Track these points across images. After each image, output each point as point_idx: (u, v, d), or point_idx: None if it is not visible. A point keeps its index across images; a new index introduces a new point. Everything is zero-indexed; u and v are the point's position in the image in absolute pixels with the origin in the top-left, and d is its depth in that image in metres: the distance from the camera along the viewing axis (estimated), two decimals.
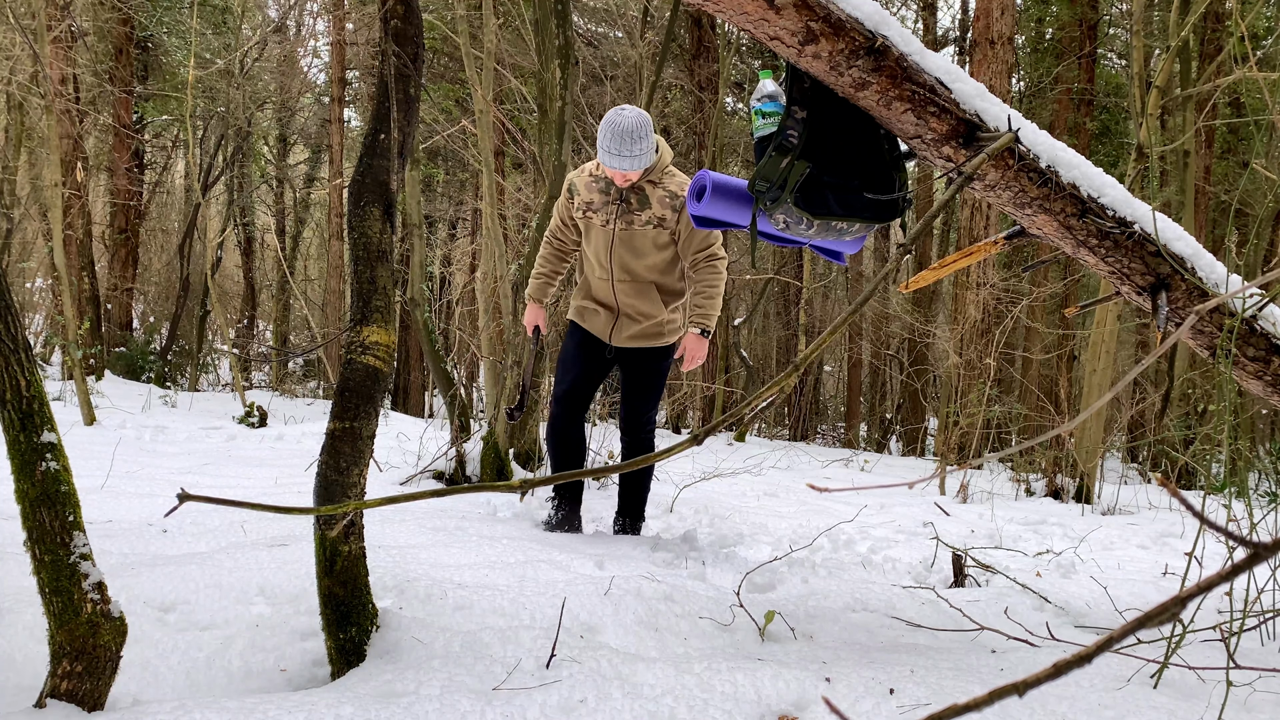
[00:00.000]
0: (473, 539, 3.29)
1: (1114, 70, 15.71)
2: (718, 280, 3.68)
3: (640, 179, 3.56)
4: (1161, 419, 7.47)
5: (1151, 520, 6.11)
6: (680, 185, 3.60)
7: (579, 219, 3.72)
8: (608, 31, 14.03)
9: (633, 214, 3.59)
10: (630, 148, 3.40)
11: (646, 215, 3.57)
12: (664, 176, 3.60)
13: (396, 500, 1.12)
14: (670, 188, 3.59)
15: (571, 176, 3.76)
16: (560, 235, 3.87)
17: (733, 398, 13.17)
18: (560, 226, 3.85)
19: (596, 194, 3.65)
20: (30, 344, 1.99)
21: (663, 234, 3.59)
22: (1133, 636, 2.34)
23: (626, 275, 3.67)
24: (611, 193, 3.61)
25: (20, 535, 1.68)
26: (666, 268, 3.68)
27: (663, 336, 3.76)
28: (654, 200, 3.57)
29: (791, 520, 5.01)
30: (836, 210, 2.35)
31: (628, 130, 3.39)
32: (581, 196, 3.69)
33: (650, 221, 3.58)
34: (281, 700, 1.77)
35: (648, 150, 3.45)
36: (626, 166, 3.44)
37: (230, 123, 14.38)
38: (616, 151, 3.41)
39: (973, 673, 2.14)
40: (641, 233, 3.59)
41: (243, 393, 9.87)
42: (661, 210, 3.56)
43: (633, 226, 3.59)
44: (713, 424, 1.15)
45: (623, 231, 3.61)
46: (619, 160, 3.43)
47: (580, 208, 3.69)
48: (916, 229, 1.59)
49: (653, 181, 3.58)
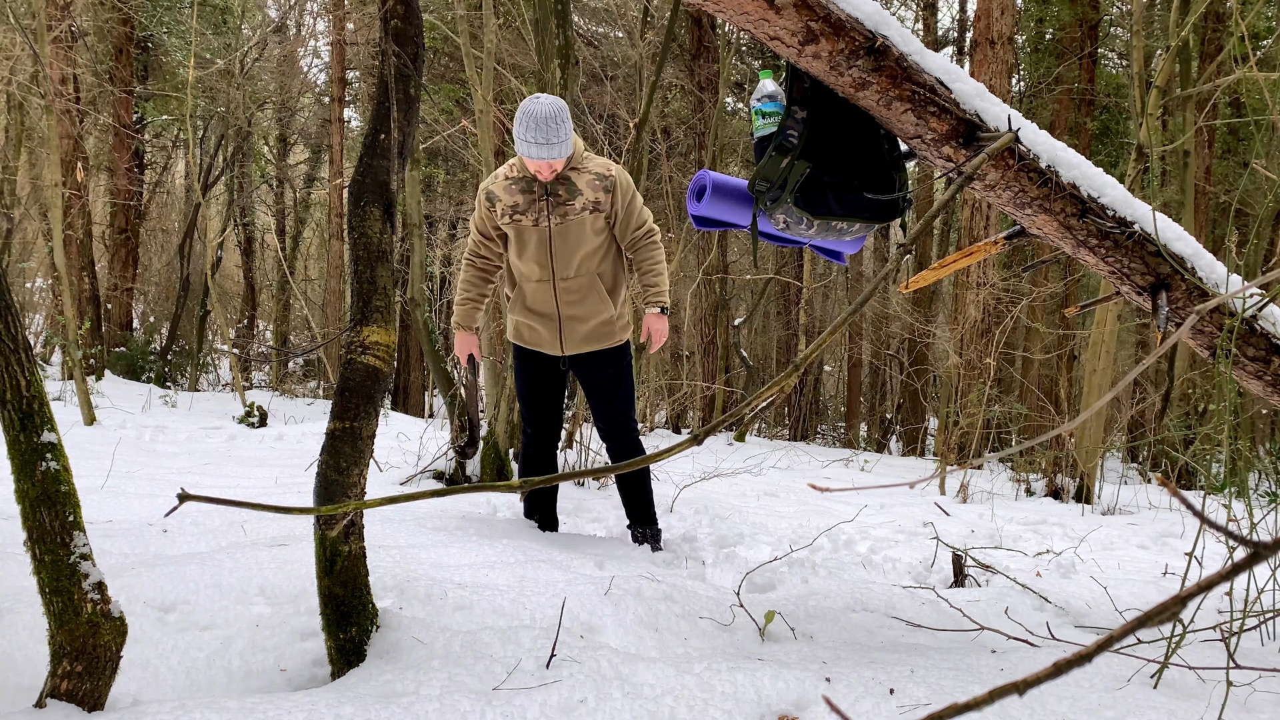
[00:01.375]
0: (473, 539, 3.29)
1: (1114, 70, 15.71)
2: (659, 254, 3.57)
3: (564, 168, 3.42)
4: (1161, 419, 7.47)
5: (1151, 520, 6.11)
6: (605, 166, 3.47)
7: (505, 226, 3.52)
8: (608, 31, 14.03)
9: (565, 205, 3.43)
10: (553, 134, 3.24)
11: (580, 202, 3.42)
12: (584, 161, 3.47)
13: (396, 500, 1.12)
14: (596, 170, 3.45)
15: (485, 185, 3.57)
16: (484, 251, 3.65)
17: (733, 398, 13.17)
18: (482, 241, 3.63)
19: (520, 195, 3.47)
20: (30, 344, 1.98)
21: (599, 219, 3.46)
22: (1133, 636, 2.34)
23: (568, 272, 3.49)
24: (536, 190, 3.44)
25: (20, 535, 1.68)
26: (605, 255, 3.54)
27: (614, 336, 3.60)
28: (583, 185, 3.43)
29: (791, 520, 5.01)
30: (836, 210, 2.36)
31: (548, 117, 3.23)
32: (504, 202, 3.49)
33: (585, 207, 3.43)
34: (281, 700, 1.77)
35: (568, 137, 3.30)
36: (551, 155, 3.28)
37: (230, 123, 14.38)
38: (542, 140, 3.24)
39: (973, 673, 2.14)
40: (578, 221, 3.44)
41: (243, 393, 9.88)
42: (594, 194, 3.43)
43: (568, 218, 3.43)
44: (713, 424, 1.15)
45: (559, 225, 3.44)
46: (543, 149, 3.26)
47: (505, 214, 3.49)
48: (916, 229, 1.59)
49: (576, 169, 3.45)
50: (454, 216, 17.36)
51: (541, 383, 3.69)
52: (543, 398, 3.71)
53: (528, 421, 3.73)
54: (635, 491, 3.80)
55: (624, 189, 3.49)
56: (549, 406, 3.72)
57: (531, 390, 3.70)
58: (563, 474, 1.13)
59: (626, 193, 3.50)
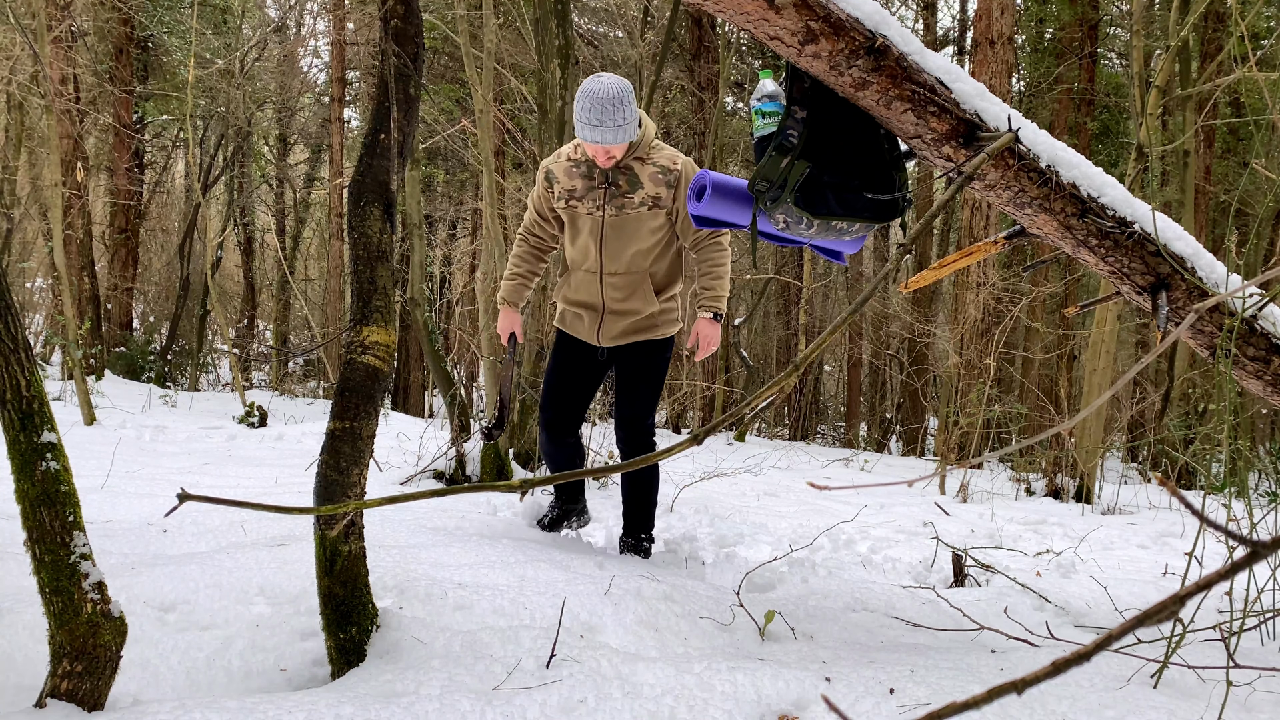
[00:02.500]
0: (473, 539, 3.28)
1: (1114, 70, 15.71)
2: (723, 258, 3.31)
3: (626, 157, 3.19)
4: (1161, 419, 7.47)
5: (1151, 520, 6.11)
6: (671, 159, 3.22)
7: (561, 210, 3.32)
8: (608, 31, 14.03)
9: (624, 197, 3.20)
10: (613, 116, 3.00)
11: (640, 196, 3.19)
12: (652, 151, 3.23)
13: (396, 500, 1.12)
14: (661, 162, 3.21)
15: (547, 164, 3.36)
16: (538, 231, 3.47)
17: (733, 398, 13.17)
18: (538, 221, 3.45)
19: (579, 180, 3.25)
20: (30, 344, 1.99)
21: (658, 215, 3.23)
22: (1132, 636, 2.34)
23: (617, 267, 3.29)
24: (596, 176, 3.22)
25: (20, 535, 1.68)
26: (661, 254, 3.32)
27: (655, 329, 3.37)
28: (645, 178, 3.19)
29: (791, 520, 5.01)
30: (836, 210, 2.35)
31: (608, 97, 2.98)
32: (562, 184, 3.29)
33: (644, 203, 3.20)
34: (281, 700, 1.77)
35: (631, 120, 3.05)
36: (610, 139, 3.04)
37: (230, 122, 14.39)
38: (598, 123, 3.01)
39: (972, 672, 2.14)
40: (635, 216, 3.21)
41: (243, 393, 9.88)
42: (655, 188, 3.19)
43: (624, 211, 3.21)
44: (713, 424, 1.15)
45: (613, 218, 3.22)
46: (601, 132, 3.02)
47: (562, 197, 3.29)
48: (916, 229, 1.59)
49: (640, 159, 3.21)
50: (454, 216, 17.37)
51: (575, 370, 3.46)
52: (571, 385, 3.46)
53: (545, 406, 3.48)
54: (640, 493, 3.54)
55: (687, 183, 3.20)
56: (574, 395, 3.47)
57: (562, 376, 3.47)
58: (563, 474, 1.13)
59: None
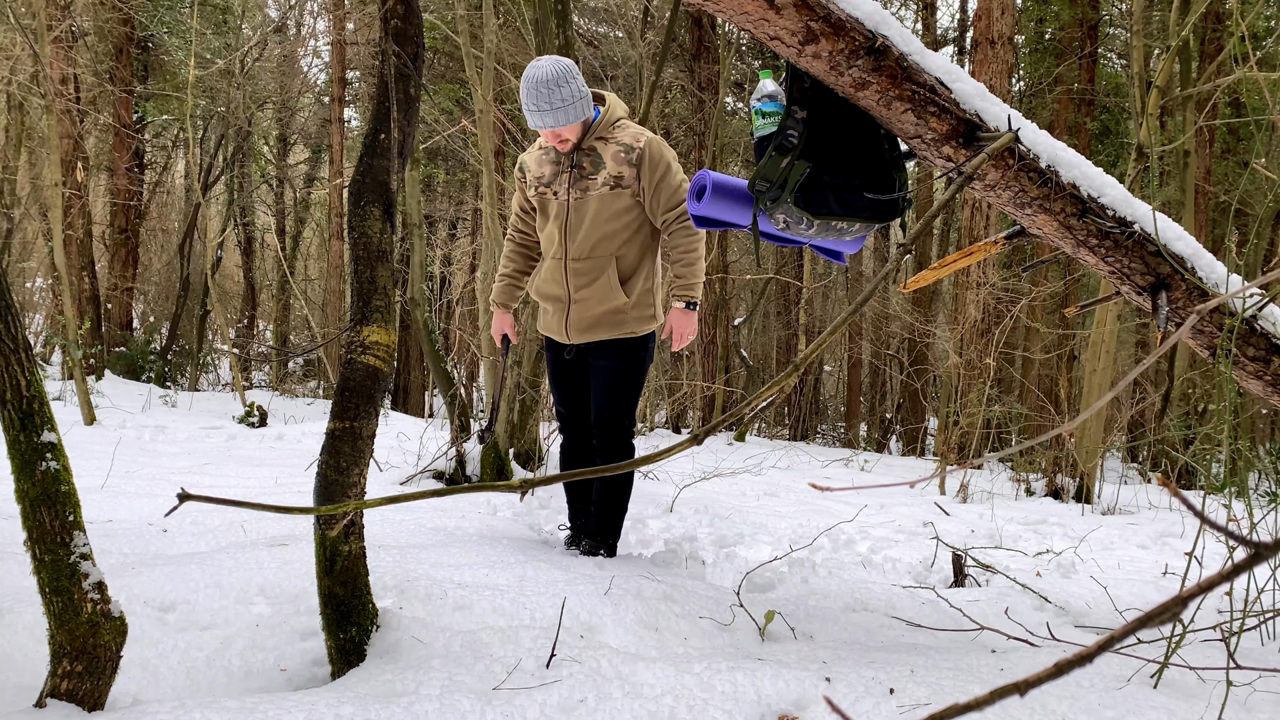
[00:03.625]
0: (473, 539, 3.29)
1: (1114, 70, 15.71)
2: (694, 243, 3.16)
3: (589, 137, 3.11)
4: (1161, 419, 7.47)
5: (1151, 520, 6.11)
6: (635, 136, 3.12)
7: (533, 197, 3.27)
8: (608, 31, 14.04)
9: (587, 179, 3.12)
10: (548, 98, 2.93)
11: (602, 176, 3.10)
12: (615, 130, 3.14)
13: (396, 500, 1.12)
14: (624, 140, 3.11)
15: (522, 157, 3.34)
16: (522, 226, 3.41)
17: (733, 398, 13.17)
18: (520, 215, 3.40)
19: (548, 166, 3.19)
20: (30, 344, 1.98)
21: (623, 196, 3.12)
22: (1133, 636, 2.34)
23: (581, 251, 3.17)
24: (562, 161, 3.16)
25: (20, 535, 1.68)
26: (629, 238, 3.17)
27: (624, 325, 3.20)
28: (608, 158, 3.10)
29: (791, 520, 5.01)
30: (836, 210, 2.35)
31: (543, 79, 2.93)
32: (533, 173, 3.24)
33: (606, 183, 3.10)
34: (281, 700, 1.77)
35: (574, 100, 2.97)
36: (553, 122, 2.98)
37: (230, 122, 14.39)
38: (536, 106, 2.95)
39: (973, 673, 2.14)
40: (598, 197, 3.11)
41: (243, 393, 9.88)
42: (617, 167, 3.09)
43: (588, 193, 3.12)
44: (713, 424, 1.15)
45: (577, 200, 3.13)
46: (542, 116, 2.96)
47: (533, 185, 3.25)
48: (916, 229, 1.59)
49: (603, 138, 3.12)
50: (454, 216, 17.37)
51: (559, 373, 3.40)
52: (561, 389, 3.41)
53: (560, 425, 3.47)
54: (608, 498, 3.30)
55: (653, 163, 3.11)
56: (570, 399, 3.40)
57: (553, 381, 3.43)
58: (562, 474, 1.13)
59: (656, 167, 3.12)
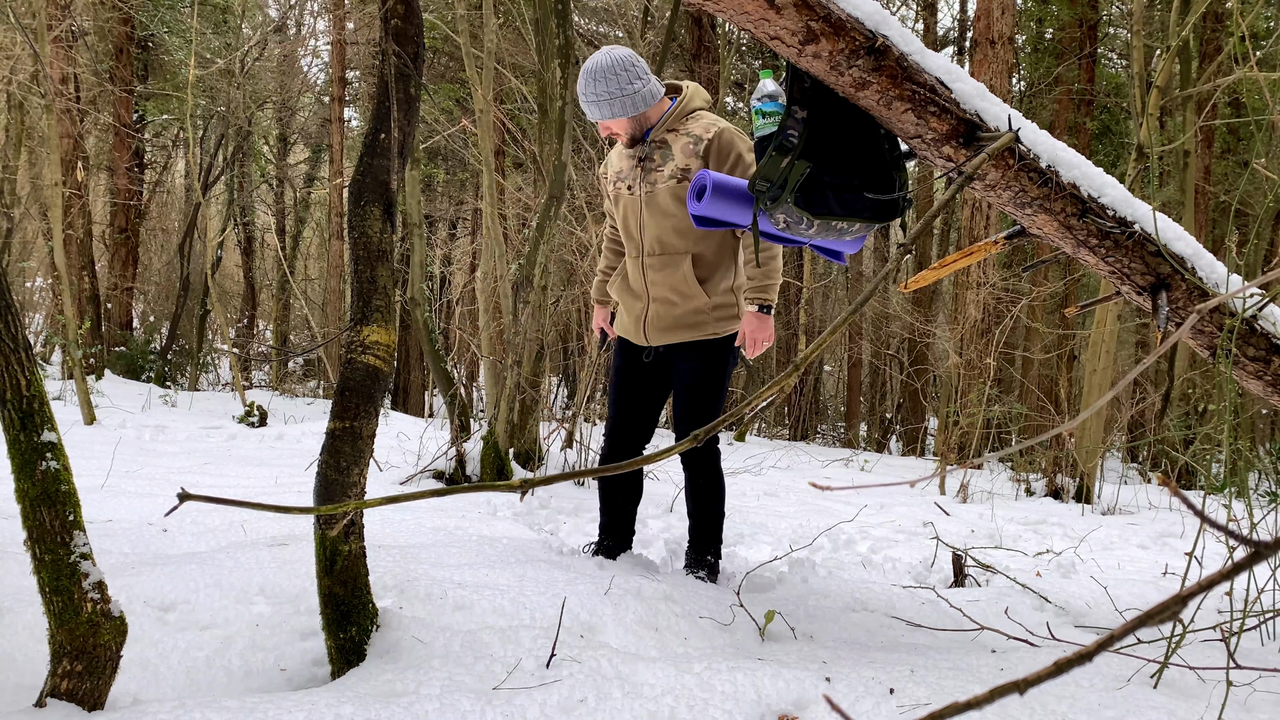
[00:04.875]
0: (473, 538, 3.29)
1: (1114, 70, 15.71)
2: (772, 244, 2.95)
3: (658, 129, 3.01)
4: (1161, 419, 7.47)
5: (1151, 520, 6.11)
6: (706, 127, 2.98)
7: (612, 193, 3.18)
8: (608, 31, 14.03)
9: (655, 171, 3.01)
10: (594, 88, 2.86)
11: (670, 169, 2.98)
12: (687, 121, 3.01)
13: (396, 500, 1.12)
14: (695, 131, 2.97)
15: (609, 153, 3.24)
16: (612, 221, 3.33)
17: (733, 398, 13.17)
18: (610, 211, 3.30)
19: (626, 161, 3.11)
20: (30, 343, 1.98)
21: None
22: (1133, 636, 2.34)
23: (657, 247, 3.05)
24: (638, 155, 3.07)
25: (20, 534, 1.68)
26: (704, 235, 3.02)
27: (705, 327, 3.04)
28: (677, 150, 2.98)
29: (791, 520, 5.01)
30: (836, 210, 2.35)
31: (594, 69, 2.86)
32: (614, 167, 3.16)
33: (674, 175, 2.98)
34: (281, 700, 1.77)
35: (620, 93, 2.88)
36: (595, 114, 2.92)
37: (230, 122, 14.39)
38: (583, 96, 2.89)
39: (973, 672, 2.14)
40: (667, 190, 2.99)
41: (243, 392, 9.88)
42: (685, 159, 2.96)
43: (656, 186, 3.01)
44: (713, 424, 1.15)
45: (648, 194, 3.03)
46: (589, 108, 2.91)
47: (613, 180, 3.16)
48: (916, 229, 1.59)
49: (674, 130, 3.01)
50: (454, 216, 17.37)
51: (628, 375, 3.22)
52: (624, 390, 3.22)
53: (606, 433, 3.28)
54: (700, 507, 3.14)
55: (720, 154, 2.95)
56: (630, 403, 3.20)
57: (616, 383, 3.25)
58: (562, 474, 1.13)
59: (725, 159, 2.95)
